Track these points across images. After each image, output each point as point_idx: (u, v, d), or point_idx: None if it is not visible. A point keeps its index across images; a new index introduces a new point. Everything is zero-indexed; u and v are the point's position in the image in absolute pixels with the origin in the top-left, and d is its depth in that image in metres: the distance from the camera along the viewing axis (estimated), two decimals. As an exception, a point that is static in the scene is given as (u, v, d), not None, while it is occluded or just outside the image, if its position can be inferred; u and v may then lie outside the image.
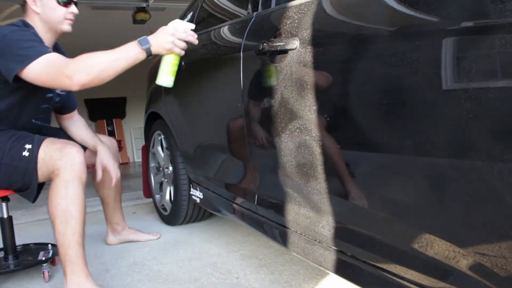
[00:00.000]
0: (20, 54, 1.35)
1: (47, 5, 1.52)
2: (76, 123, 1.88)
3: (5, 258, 1.75)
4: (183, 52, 1.45)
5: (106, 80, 1.37)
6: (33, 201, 1.57)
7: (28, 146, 1.44)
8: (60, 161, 1.40)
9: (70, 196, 1.39)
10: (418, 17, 0.83)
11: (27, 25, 1.52)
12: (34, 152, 1.43)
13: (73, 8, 1.57)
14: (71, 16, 1.56)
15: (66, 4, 1.54)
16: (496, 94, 0.68)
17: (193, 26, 1.45)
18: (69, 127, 1.86)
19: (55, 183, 1.41)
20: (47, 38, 1.55)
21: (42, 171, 1.44)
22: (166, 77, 1.47)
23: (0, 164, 1.46)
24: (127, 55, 1.37)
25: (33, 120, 1.65)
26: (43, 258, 1.75)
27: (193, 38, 1.46)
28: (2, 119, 1.54)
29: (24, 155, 1.44)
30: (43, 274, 1.71)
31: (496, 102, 0.68)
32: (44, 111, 1.70)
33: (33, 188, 1.50)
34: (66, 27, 1.57)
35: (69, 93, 1.83)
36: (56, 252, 1.63)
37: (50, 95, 1.67)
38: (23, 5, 1.55)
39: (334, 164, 1.08)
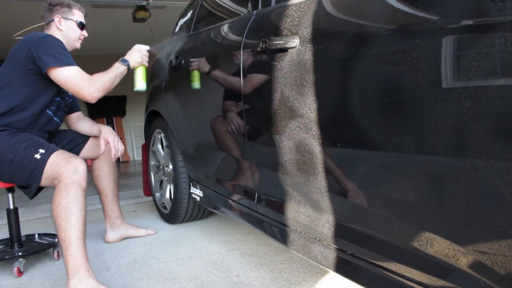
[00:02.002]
0: (56, 56, 1.67)
1: (70, 26, 1.92)
2: (83, 120, 2.16)
3: (11, 246, 1.90)
4: (147, 64, 1.95)
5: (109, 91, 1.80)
6: (31, 198, 1.73)
7: (41, 151, 1.62)
8: (64, 168, 1.55)
9: (71, 196, 1.51)
10: (418, 16, 0.83)
11: None
12: (45, 157, 1.60)
13: (85, 32, 2.00)
14: (82, 38, 2.00)
15: (82, 28, 1.97)
16: (495, 93, 0.68)
17: (148, 47, 1.95)
18: (76, 124, 2.13)
19: (57, 188, 1.54)
20: None
21: (47, 175, 1.59)
22: (141, 83, 1.94)
23: (12, 161, 1.62)
24: (119, 72, 1.82)
25: (47, 110, 1.85)
26: (48, 242, 1.97)
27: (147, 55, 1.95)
28: (23, 107, 1.73)
29: (36, 157, 1.60)
30: (54, 254, 1.95)
31: (495, 100, 0.68)
32: (57, 103, 1.90)
33: (33, 188, 1.64)
34: (78, 44, 1.98)
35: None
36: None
37: (62, 89, 1.90)
38: (48, 23, 1.90)
39: (334, 163, 1.08)
